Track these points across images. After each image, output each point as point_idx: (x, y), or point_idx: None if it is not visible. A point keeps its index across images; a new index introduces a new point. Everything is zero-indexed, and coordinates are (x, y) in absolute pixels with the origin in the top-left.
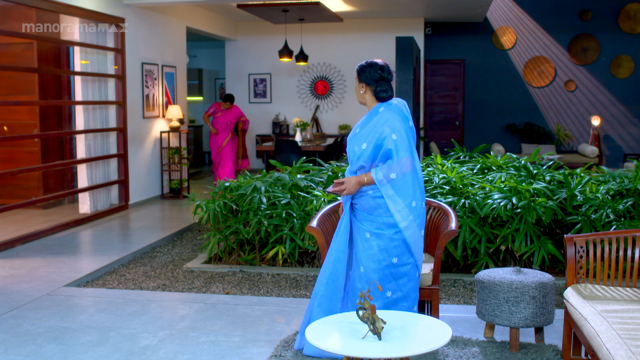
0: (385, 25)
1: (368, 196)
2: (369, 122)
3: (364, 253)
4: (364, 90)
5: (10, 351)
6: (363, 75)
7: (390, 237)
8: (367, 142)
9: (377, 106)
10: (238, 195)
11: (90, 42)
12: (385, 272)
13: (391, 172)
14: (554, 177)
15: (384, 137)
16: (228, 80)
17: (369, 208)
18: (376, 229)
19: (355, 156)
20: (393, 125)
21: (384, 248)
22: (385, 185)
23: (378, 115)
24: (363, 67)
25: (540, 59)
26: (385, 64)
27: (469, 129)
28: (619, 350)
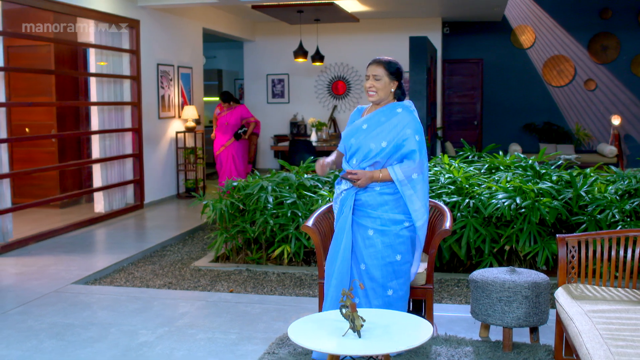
0: (402, 25)
1: (375, 192)
2: (386, 121)
3: (365, 251)
4: (394, 87)
5: (12, 346)
6: (399, 73)
7: (396, 234)
8: (387, 141)
9: (393, 105)
10: (245, 195)
11: (105, 44)
12: (387, 270)
13: (413, 173)
14: (561, 177)
15: (405, 138)
16: (246, 81)
17: (374, 204)
18: (381, 225)
19: (372, 153)
20: (416, 128)
21: (389, 245)
22: (405, 185)
23: (398, 116)
24: (396, 64)
25: (559, 58)
26: None
27: (488, 129)
28: (598, 350)
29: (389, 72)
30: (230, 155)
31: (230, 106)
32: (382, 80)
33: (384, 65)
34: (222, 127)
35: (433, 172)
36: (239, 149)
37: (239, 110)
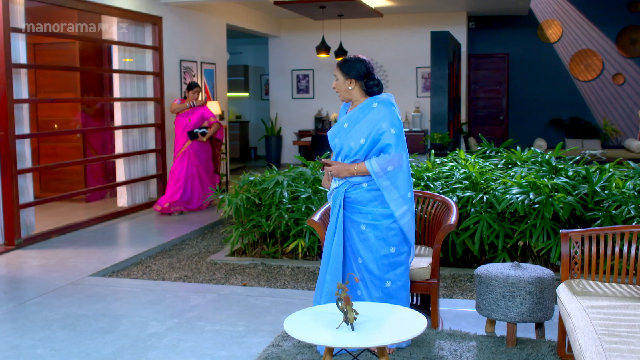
0: (427, 19)
1: (363, 189)
2: (363, 118)
3: (361, 245)
4: (352, 85)
5: (26, 336)
6: (353, 71)
7: (387, 227)
8: (364, 137)
9: (369, 101)
10: (261, 190)
11: (129, 41)
12: (383, 262)
13: (389, 165)
14: (578, 172)
15: (382, 132)
16: (271, 77)
17: (364, 201)
18: (372, 220)
19: (352, 151)
20: (392, 121)
21: (382, 238)
22: (381, 177)
23: (374, 111)
24: (351, 62)
25: (587, 52)
26: (369, 59)
27: (514, 124)
28: (590, 346)
29: (341, 71)
30: (189, 158)
31: (200, 103)
32: (338, 80)
33: (338, 65)
34: (183, 126)
35: (449, 168)
36: (201, 152)
37: (201, 109)
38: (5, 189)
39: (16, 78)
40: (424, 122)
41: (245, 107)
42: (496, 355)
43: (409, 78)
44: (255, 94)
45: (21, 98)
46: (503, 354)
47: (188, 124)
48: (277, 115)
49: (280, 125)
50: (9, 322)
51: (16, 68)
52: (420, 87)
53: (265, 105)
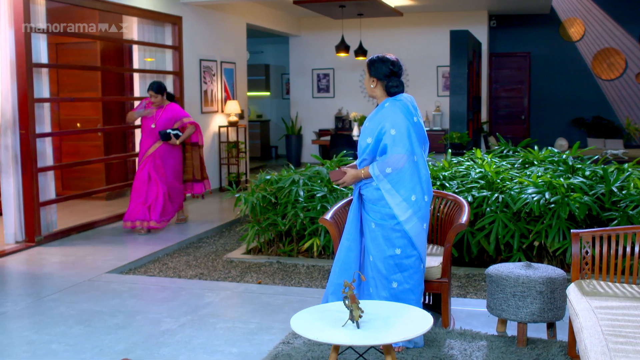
0: (447, 18)
1: (372, 188)
2: (375, 117)
3: (371, 242)
4: (374, 84)
5: (42, 331)
6: (374, 70)
7: (391, 228)
8: (371, 136)
9: (385, 101)
10: (277, 188)
11: (149, 41)
12: (389, 263)
13: (386, 167)
14: (595, 172)
15: (383, 132)
16: (292, 76)
17: (373, 199)
18: (380, 219)
19: (361, 149)
20: (394, 121)
21: (387, 238)
22: (382, 180)
23: (383, 110)
24: (374, 61)
25: (610, 51)
26: (396, 59)
27: (535, 123)
28: (596, 346)
29: (367, 69)
30: (154, 165)
31: (161, 103)
32: (365, 78)
33: (366, 63)
34: (147, 130)
35: (465, 167)
36: (169, 157)
37: (170, 109)
38: (26, 187)
39: (37, 77)
40: (444, 122)
41: (266, 106)
42: (506, 355)
43: (429, 77)
44: (276, 93)
45: (42, 97)
46: (513, 354)
47: (152, 130)
48: (297, 115)
49: (301, 125)
50: (26, 317)
51: (37, 67)
52: (441, 87)
53: (286, 104)
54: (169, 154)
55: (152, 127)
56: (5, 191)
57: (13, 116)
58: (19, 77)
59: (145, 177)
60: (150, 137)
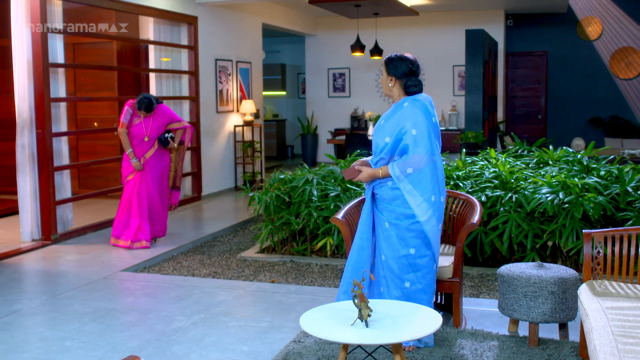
0: (463, 18)
1: (387, 187)
2: (393, 116)
3: (384, 242)
4: (392, 83)
5: (56, 327)
6: (393, 68)
7: (406, 228)
8: (389, 135)
9: (403, 100)
10: (291, 188)
11: (164, 41)
12: (402, 262)
13: (407, 167)
14: (610, 172)
15: (404, 132)
16: (308, 75)
17: (388, 198)
18: (394, 219)
19: (379, 149)
20: (415, 121)
21: (402, 238)
22: (403, 181)
23: (402, 110)
24: (393, 59)
25: (628, 50)
26: (415, 59)
27: (552, 123)
28: (605, 347)
29: (385, 67)
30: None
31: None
32: (383, 77)
33: (384, 62)
34: (138, 140)
35: (479, 167)
36: (162, 163)
37: (161, 113)
38: (43, 186)
39: (53, 77)
40: (460, 121)
41: (282, 106)
42: (517, 355)
43: (445, 77)
44: (292, 93)
45: (58, 97)
46: (524, 354)
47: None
48: (313, 114)
49: (317, 124)
50: (41, 314)
51: (53, 67)
52: (457, 86)
53: (302, 103)
54: (161, 160)
55: (146, 140)
56: (22, 190)
57: (30, 115)
58: (35, 77)
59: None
60: (142, 146)
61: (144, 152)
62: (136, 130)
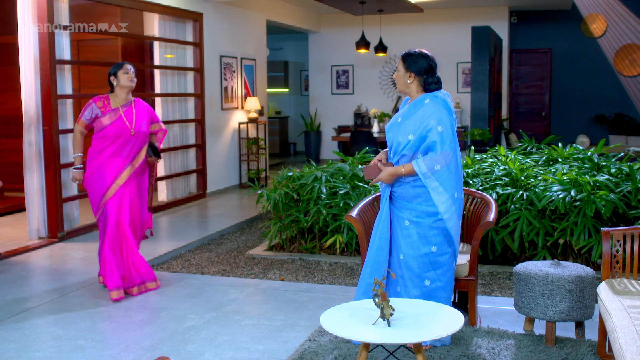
0: (468, 14)
1: (408, 185)
2: (414, 113)
3: (403, 241)
4: (411, 79)
5: (67, 326)
6: (415, 65)
7: (429, 226)
8: (412, 133)
9: (422, 97)
10: (299, 185)
11: (170, 37)
12: (423, 260)
13: (435, 164)
14: (621, 169)
15: (429, 129)
16: (311, 72)
17: (409, 197)
18: (415, 217)
19: (400, 147)
20: (440, 118)
21: (424, 236)
22: (429, 178)
23: (424, 107)
24: (412, 55)
25: (632, 47)
26: (433, 55)
27: (556, 120)
28: (630, 346)
29: (403, 63)
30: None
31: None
32: (399, 72)
33: (402, 57)
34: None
35: (489, 164)
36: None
37: (144, 107)
38: (49, 183)
39: (60, 74)
40: (464, 118)
41: (284, 103)
42: (534, 354)
43: (449, 74)
44: (294, 90)
45: (64, 94)
46: (542, 353)
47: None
48: (316, 111)
49: (320, 121)
50: (52, 313)
51: (60, 64)
52: (461, 83)
53: (305, 100)
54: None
55: (132, 134)
56: (29, 187)
57: (36, 112)
58: (42, 74)
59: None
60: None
61: (134, 152)
62: (117, 126)
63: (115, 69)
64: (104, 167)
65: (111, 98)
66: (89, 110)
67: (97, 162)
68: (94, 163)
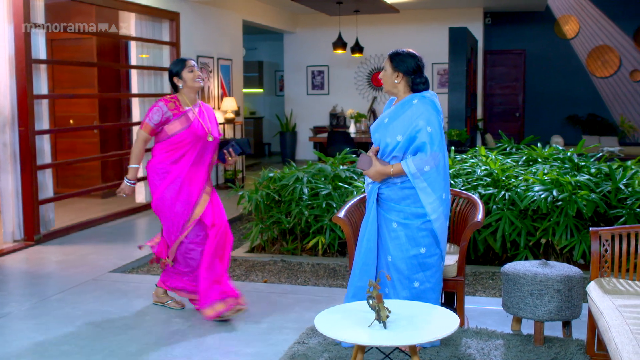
0: (443, 16)
1: (396, 187)
2: (402, 114)
3: (391, 243)
4: (399, 79)
5: (50, 332)
6: (403, 65)
7: (418, 227)
8: (401, 134)
9: (410, 97)
10: (281, 186)
11: (146, 37)
12: (412, 262)
13: (425, 165)
14: (600, 169)
15: (418, 130)
16: (286, 73)
17: (397, 198)
18: (404, 219)
19: (389, 148)
20: (428, 118)
21: (412, 237)
22: (418, 178)
23: (412, 108)
24: (402, 56)
25: (604, 48)
26: (420, 55)
27: (530, 121)
28: (627, 346)
29: (391, 63)
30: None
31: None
32: (386, 72)
33: (389, 57)
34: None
35: (470, 164)
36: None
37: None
38: (25, 185)
39: (36, 74)
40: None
41: (259, 103)
42: (524, 353)
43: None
44: (269, 90)
45: (40, 94)
46: (531, 353)
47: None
48: (292, 111)
49: (295, 121)
50: (33, 318)
51: (36, 64)
52: (436, 84)
53: (280, 101)
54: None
55: (210, 140)
56: (3, 189)
57: (12, 113)
58: (18, 74)
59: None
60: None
61: (210, 160)
62: (193, 130)
63: (177, 67)
64: (184, 179)
65: (180, 99)
66: (157, 112)
67: (172, 176)
68: (168, 177)
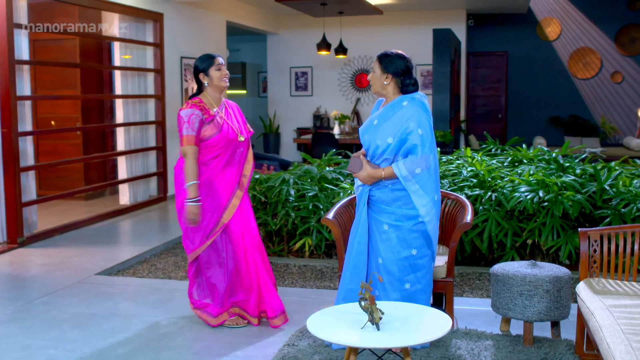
0: (426, 17)
1: (387, 189)
2: (392, 116)
3: (382, 245)
4: (388, 80)
5: (36, 336)
6: (392, 66)
7: (409, 229)
8: (392, 136)
9: (400, 99)
10: (267, 188)
11: (129, 37)
12: (404, 264)
13: (416, 167)
14: (585, 170)
15: (409, 132)
16: (270, 74)
17: (388, 200)
18: (395, 220)
19: (380, 150)
20: (419, 120)
21: (404, 239)
22: (410, 181)
23: (403, 109)
24: (392, 57)
25: (585, 50)
26: (409, 56)
27: (512, 122)
28: (618, 345)
29: (380, 64)
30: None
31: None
32: (375, 73)
33: (378, 58)
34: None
35: (455, 165)
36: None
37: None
38: (8, 187)
39: (19, 75)
40: None
41: (242, 105)
42: (514, 354)
43: None
44: (252, 91)
45: (24, 95)
46: (521, 353)
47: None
48: (275, 113)
49: (279, 123)
50: (18, 321)
51: (19, 64)
52: (420, 85)
53: (263, 102)
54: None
55: (242, 140)
56: None
57: None
58: (1, 75)
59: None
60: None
61: (244, 161)
62: (224, 133)
63: (205, 63)
64: (214, 183)
65: (205, 101)
66: (193, 119)
67: (201, 178)
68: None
